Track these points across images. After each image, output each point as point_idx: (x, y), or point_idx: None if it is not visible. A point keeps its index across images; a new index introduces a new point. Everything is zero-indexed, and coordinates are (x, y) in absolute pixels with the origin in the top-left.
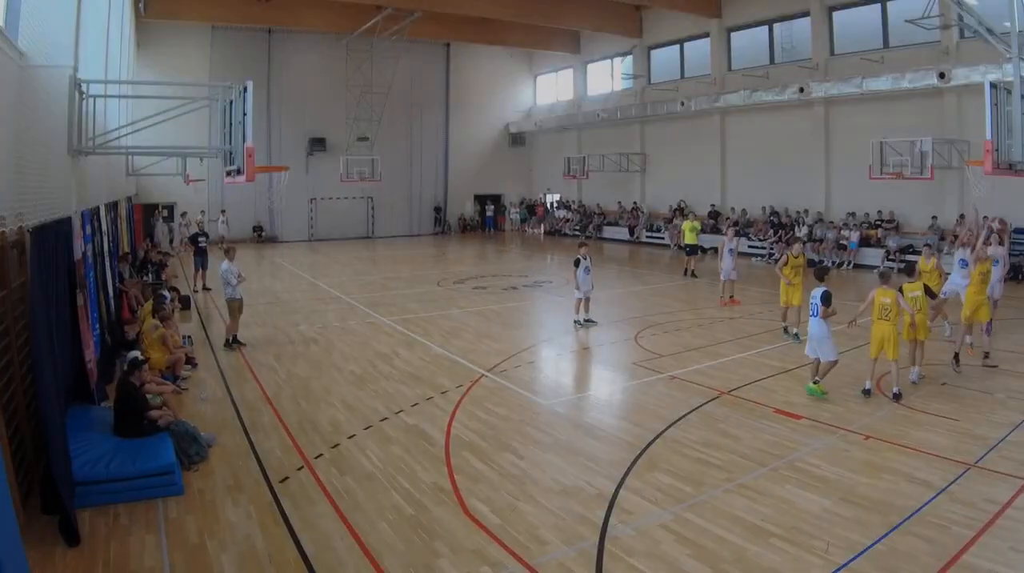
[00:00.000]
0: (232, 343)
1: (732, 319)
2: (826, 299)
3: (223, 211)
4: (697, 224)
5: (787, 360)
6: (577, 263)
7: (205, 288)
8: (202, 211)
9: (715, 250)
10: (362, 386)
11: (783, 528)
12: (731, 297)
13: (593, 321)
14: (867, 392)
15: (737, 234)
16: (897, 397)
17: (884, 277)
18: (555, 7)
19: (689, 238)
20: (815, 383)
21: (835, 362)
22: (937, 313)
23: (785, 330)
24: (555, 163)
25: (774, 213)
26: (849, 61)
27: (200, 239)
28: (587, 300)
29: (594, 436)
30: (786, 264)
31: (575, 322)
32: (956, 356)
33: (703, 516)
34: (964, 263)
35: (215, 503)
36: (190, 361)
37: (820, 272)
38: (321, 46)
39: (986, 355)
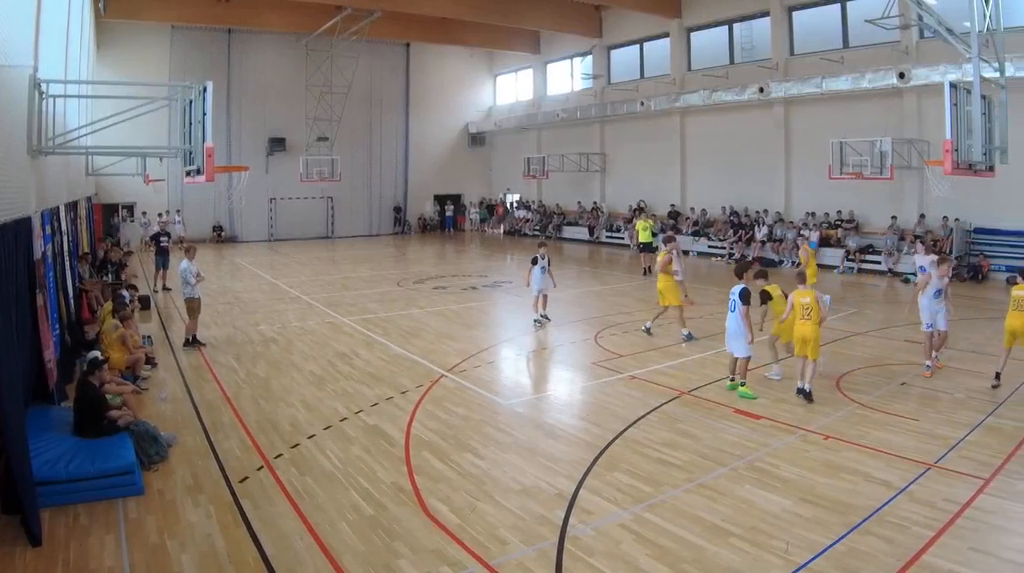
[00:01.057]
0: (192, 343)
1: (691, 319)
2: (744, 297)
3: (178, 211)
4: (650, 223)
5: None
6: (535, 262)
7: (165, 288)
8: (165, 211)
9: None
10: (322, 386)
11: (743, 528)
12: (685, 296)
13: (547, 317)
14: (802, 391)
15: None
16: (806, 394)
17: (802, 277)
18: (515, 7)
19: (643, 237)
20: (741, 385)
21: (748, 358)
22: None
23: (689, 336)
24: (515, 163)
25: (734, 213)
26: (809, 61)
27: (162, 239)
28: (545, 297)
29: (554, 436)
30: (669, 262)
31: (535, 321)
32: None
33: (663, 516)
34: (939, 293)
35: (175, 503)
36: (150, 361)
37: (739, 269)
38: (281, 46)
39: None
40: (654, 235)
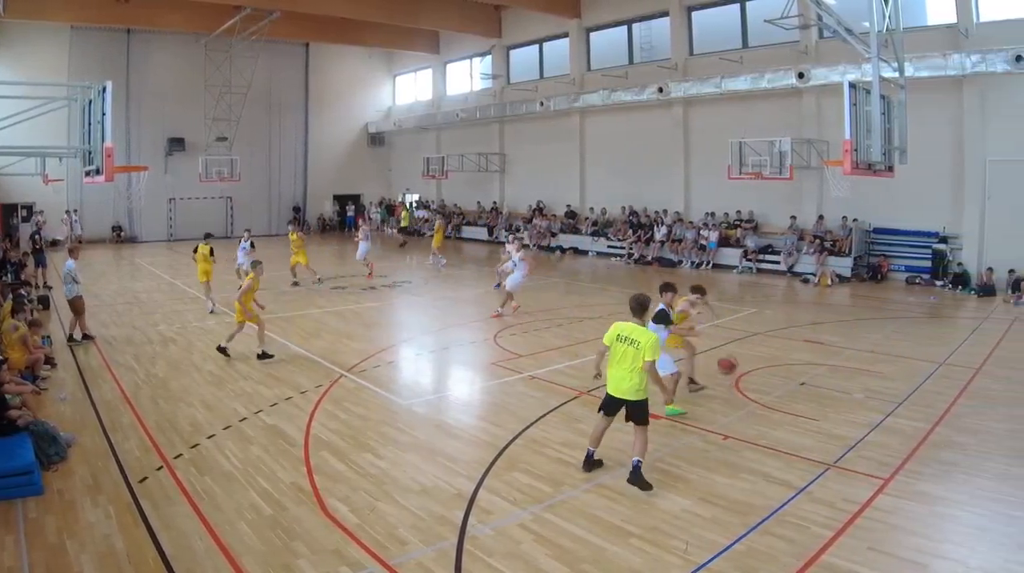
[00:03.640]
0: (74, 340)
1: (591, 319)
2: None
3: (75, 211)
4: (407, 212)
5: None
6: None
7: (46, 286)
8: (65, 211)
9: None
10: (221, 386)
11: (642, 528)
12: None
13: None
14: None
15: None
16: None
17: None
18: (415, 7)
19: (405, 221)
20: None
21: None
22: None
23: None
24: (414, 163)
25: (633, 213)
26: (708, 61)
27: (35, 237)
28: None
29: (453, 436)
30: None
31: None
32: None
33: (562, 516)
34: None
35: (74, 503)
36: (49, 361)
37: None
38: (180, 46)
39: None
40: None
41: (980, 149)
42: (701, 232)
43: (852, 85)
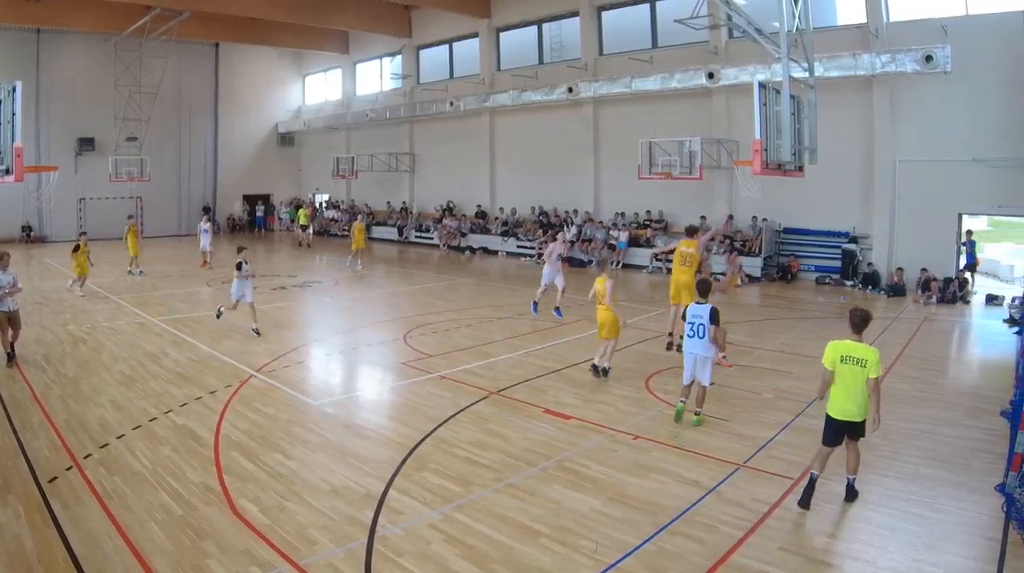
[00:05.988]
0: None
1: (501, 319)
2: (715, 318)
3: None
4: (306, 211)
5: (557, 360)
6: (239, 267)
7: None
8: None
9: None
10: (131, 386)
11: (552, 528)
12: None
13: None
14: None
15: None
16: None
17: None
18: (324, 7)
19: (303, 221)
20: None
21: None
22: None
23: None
24: (324, 163)
25: (543, 213)
26: (618, 61)
27: None
28: (252, 306)
29: (363, 436)
30: None
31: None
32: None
33: (472, 516)
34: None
35: None
36: None
37: (703, 287)
38: (90, 46)
39: None
40: (312, 219)
41: (890, 149)
42: (611, 232)
43: (762, 85)
